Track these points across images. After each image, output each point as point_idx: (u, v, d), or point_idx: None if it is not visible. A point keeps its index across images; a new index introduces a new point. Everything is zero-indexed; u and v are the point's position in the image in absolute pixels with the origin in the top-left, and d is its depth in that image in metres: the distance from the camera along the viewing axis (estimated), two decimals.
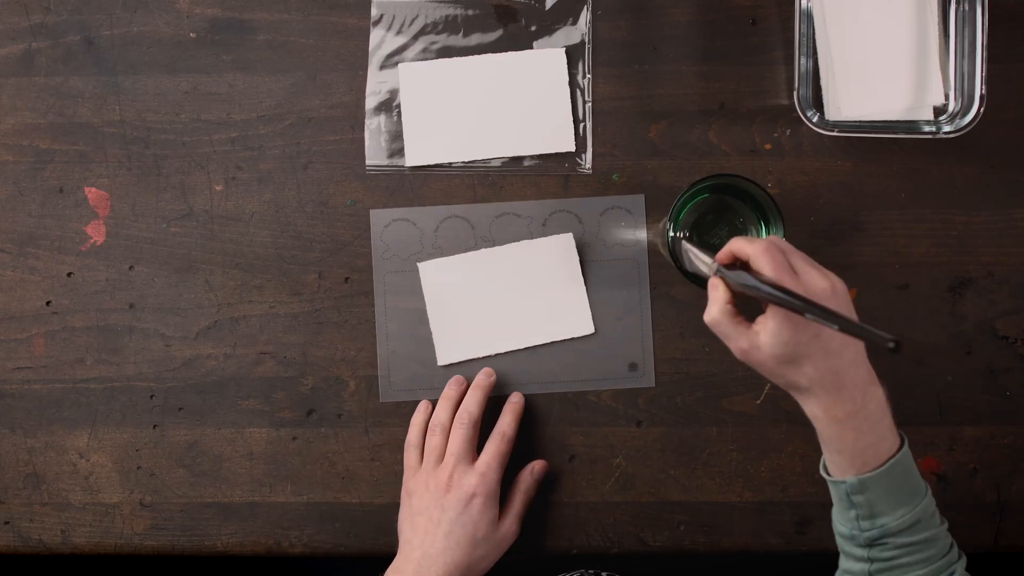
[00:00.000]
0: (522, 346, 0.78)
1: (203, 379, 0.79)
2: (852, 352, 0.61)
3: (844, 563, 0.65)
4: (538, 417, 0.78)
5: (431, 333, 0.78)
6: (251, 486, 0.79)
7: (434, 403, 0.77)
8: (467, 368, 0.78)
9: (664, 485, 0.78)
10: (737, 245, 0.62)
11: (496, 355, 0.78)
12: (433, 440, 0.74)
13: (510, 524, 0.73)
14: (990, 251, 0.77)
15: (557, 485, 0.78)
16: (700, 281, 0.72)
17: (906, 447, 0.63)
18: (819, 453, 0.77)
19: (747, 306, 0.62)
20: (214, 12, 0.80)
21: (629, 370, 0.78)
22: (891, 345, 0.51)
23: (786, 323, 0.59)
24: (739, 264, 0.63)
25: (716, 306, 0.62)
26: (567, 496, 0.78)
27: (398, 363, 0.78)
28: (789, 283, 0.59)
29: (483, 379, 0.77)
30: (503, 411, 0.76)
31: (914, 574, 0.62)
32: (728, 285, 0.62)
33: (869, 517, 0.62)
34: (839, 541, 0.65)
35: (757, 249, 0.60)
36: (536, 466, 0.76)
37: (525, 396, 0.78)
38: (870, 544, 0.62)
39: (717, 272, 0.63)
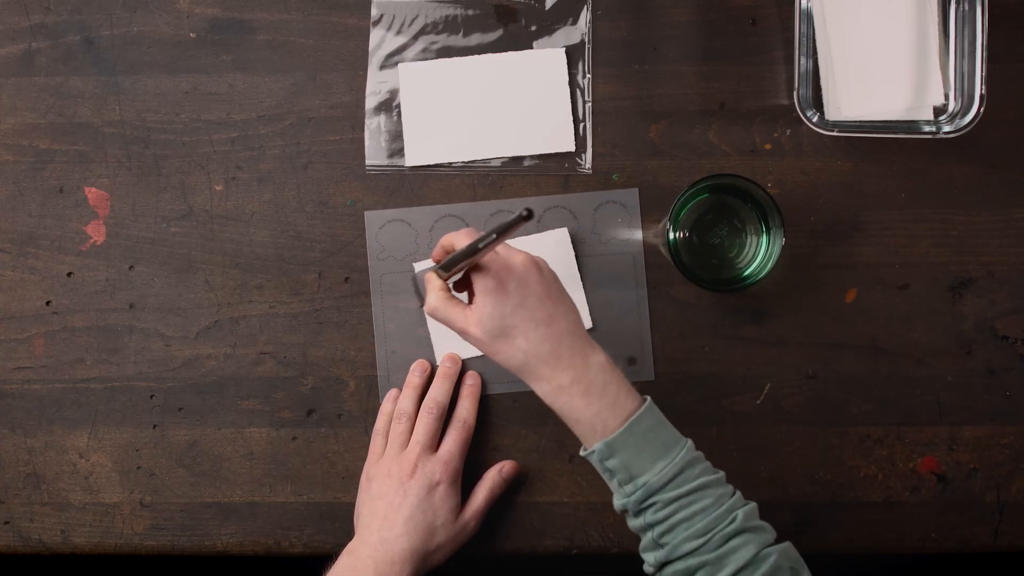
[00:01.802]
0: None
1: (203, 379, 0.79)
2: (564, 322, 0.63)
3: (641, 548, 0.64)
4: (538, 417, 0.78)
5: (430, 333, 0.78)
6: (251, 486, 0.79)
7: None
8: (467, 368, 0.78)
9: None
10: (445, 239, 0.67)
11: None
12: (398, 427, 0.74)
13: (470, 519, 0.73)
14: (990, 251, 0.77)
15: (557, 485, 0.78)
16: (702, 281, 0.73)
17: (648, 404, 0.64)
18: (819, 453, 0.78)
19: None
20: (214, 12, 0.80)
21: (628, 365, 0.77)
22: (524, 213, 0.53)
23: (488, 297, 0.62)
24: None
25: (432, 294, 0.65)
26: (567, 496, 0.78)
27: (398, 363, 0.78)
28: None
29: (449, 367, 0.77)
30: (460, 395, 0.77)
31: (697, 526, 0.61)
32: (439, 275, 0.66)
33: (630, 480, 0.63)
34: (628, 522, 0.65)
35: (459, 233, 0.65)
36: (505, 466, 0.76)
37: (525, 395, 0.78)
38: (641, 509, 0.63)
39: (430, 268, 0.66)
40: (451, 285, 0.67)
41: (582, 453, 0.65)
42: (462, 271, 0.65)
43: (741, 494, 0.64)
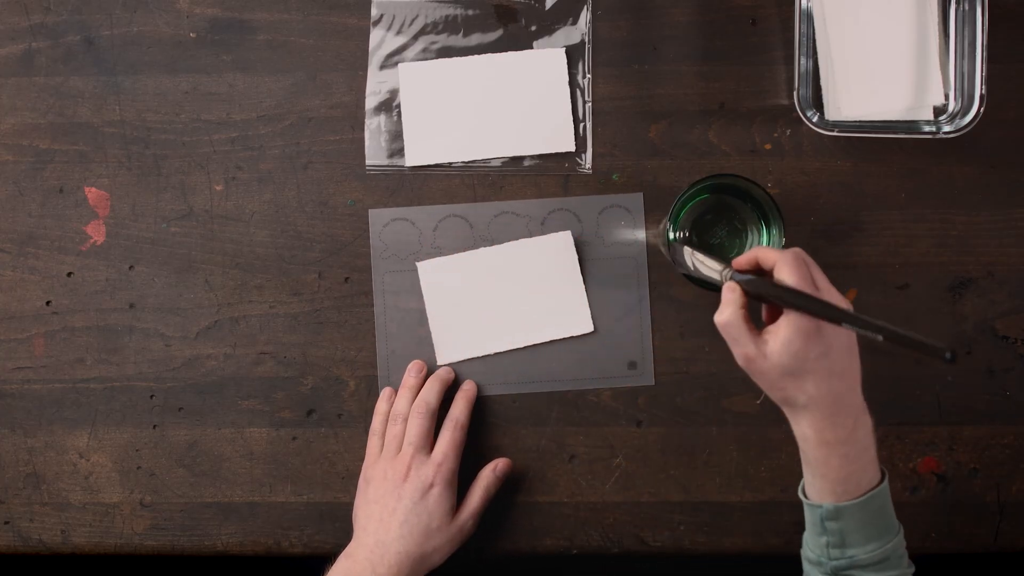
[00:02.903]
0: (521, 345, 0.78)
1: (203, 379, 0.79)
2: (852, 378, 0.61)
3: None
4: (538, 417, 0.78)
5: (431, 333, 0.78)
6: (251, 486, 0.79)
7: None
8: (466, 367, 0.78)
9: (664, 485, 0.78)
10: (763, 253, 0.62)
11: (495, 354, 0.78)
12: (393, 429, 0.74)
13: (467, 519, 0.73)
14: (990, 251, 0.77)
15: (557, 485, 0.78)
16: (701, 282, 0.72)
17: (886, 483, 0.63)
18: None
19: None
20: (214, 12, 0.80)
21: (628, 369, 0.77)
22: (948, 356, 0.51)
23: (799, 335, 0.59)
24: (756, 272, 0.63)
25: (730, 308, 0.61)
26: (567, 496, 0.78)
27: (398, 363, 0.78)
28: (808, 290, 0.58)
29: (443, 372, 0.77)
30: (455, 398, 0.77)
31: None
32: (745, 291, 0.61)
33: (839, 546, 0.62)
34: (805, 566, 0.66)
35: (786, 257, 0.60)
36: (499, 464, 0.76)
37: (525, 395, 0.78)
38: (835, 573, 0.63)
39: (733, 276, 0.63)
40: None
41: (803, 498, 0.65)
42: (768, 301, 0.61)
43: None
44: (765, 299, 0.61)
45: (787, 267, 0.59)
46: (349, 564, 0.70)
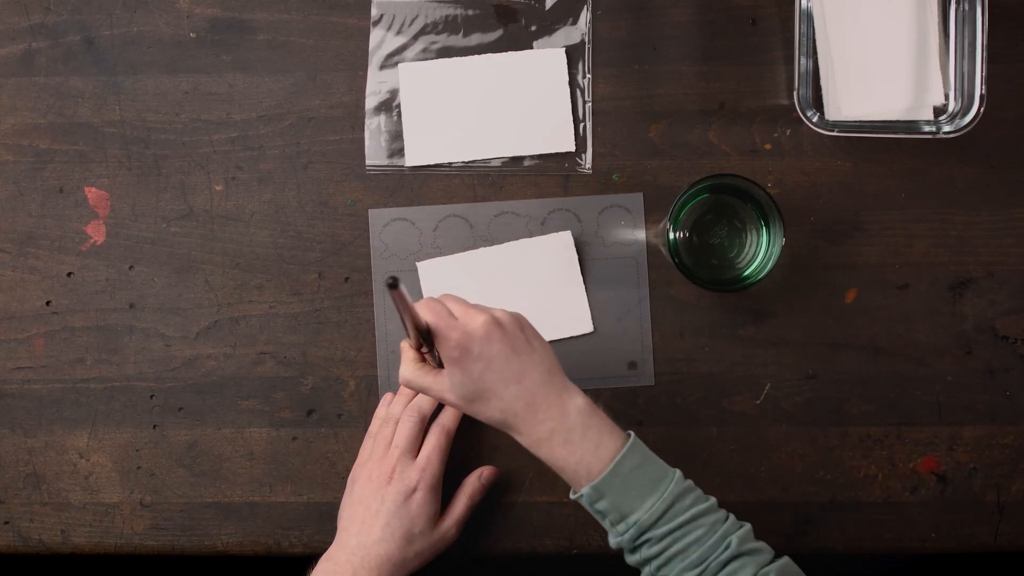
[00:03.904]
0: None
1: (203, 379, 0.79)
2: (536, 373, 0.64)
3: None
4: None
5: None
6: (251, 486, 0.79)
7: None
8: None
9: None
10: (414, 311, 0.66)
11: None
12: (384, 431, 0.74)
13: (449, 526, 0.73)
14: (990, 251, 0.77)
15: (557, 485, 0.78)
16: (702, 281, 0.73)
17: (631, 442, 0.64)
18: (819, 453, 0.78)
19: None
20: (214, 12, 0.80)
21: (628, 369, 0.77)
22: (389, 282, 0.54)
23: (455, 365, 0.63)
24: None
25: (405, 364, 0.67)
26: (567, 496, 0.77)
27: (398, 363, 0.78)
28: (444, 323, 0.62)
29: None
30: (444, 407, 0.76)
31: (692, 557, 0.62)
32: (411, 345, 0.66)
33: (621, 519, 0.63)
34: (626, 560, 0.66)
35: (420, 305, 0.64)
36: (485, 471, 0.76)
37: None
38: (636, 546, 0.63)
39: (404, 339, 0.68)
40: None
41: (572, 496, 0.66)
42: (424, 340, 0.64)
43: (735, 517, 0.64)
44: (423, 340, 0.64)
45: (423, 309, 0.63)
46: (329, 567, 0.70)
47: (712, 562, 0.61)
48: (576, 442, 0.63)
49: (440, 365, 0.66)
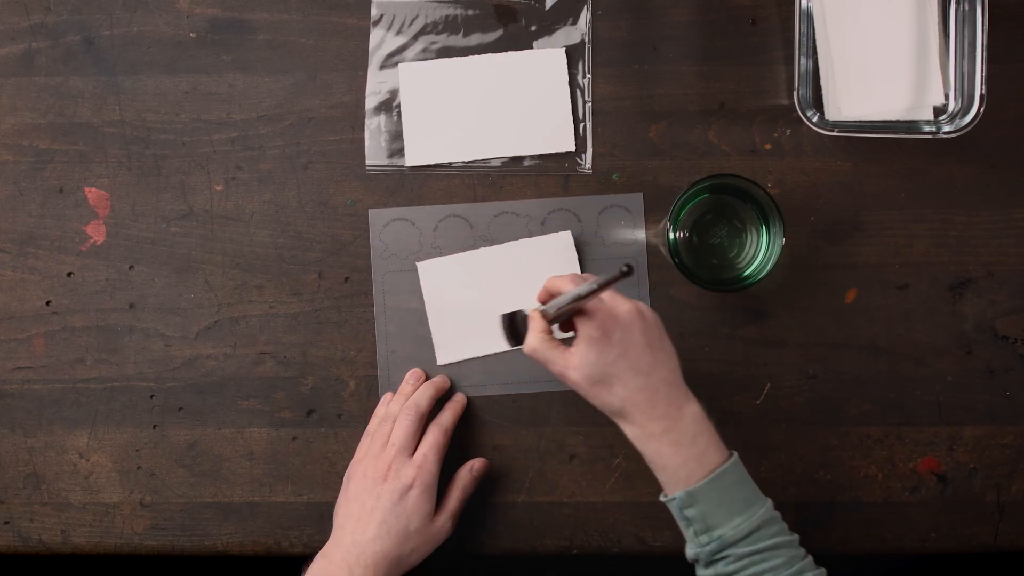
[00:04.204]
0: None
1: (203, 379, 0.79)
2: (664, 371, 0.65)
3: None
4: (538, 417, 0.78)
5: (431, 333, 0.78)
6: (251, 486, 0.79)
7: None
8: (467, 367, 0.78)
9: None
10: (551, 282, 0.67)
11: (495, 354, 0.78)
12: (382, 429, 0.74)
13: (444, 521, 0.73)
14: (990, 251, 0.77)
15: (557, 485, 0.78)
16: (702, 281, 0.73)
17: (734, 459, 0.65)
18: (819, 453, 0.78)
19: None
20: (214, 12, 0.80)
21: None
22: (624, 269, 0.55)
23: (592, 346, 0.63)
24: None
25: (533, 335, 0.66)
26: (567, 496, 0.78)
27: (398, 363, 0.78)
28: (592, 302, 0.63)
29: (439, 380, 0.77)
30: (444, 406, 0.77)
31: None
32: (544, 316, 0.66)
33: (705, 530, 0.63)
34: (698, 573, 0.66)
35: (564, 278, 0.66)
36: (476, 464, 0.76)
37: (525, 395, 0.78)
38: (712, 561, 0.64)
39: (535, 309, 0.67)
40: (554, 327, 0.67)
41: (662, 499, 0.66)
42: (565, 316, 0.66)
43: (812, 559, 0.64)
44: (558, 316, 0.65)
45: (562, 281, 0.66)
46: (325, 564, 0.70)
47: None
48: (685, 444, 0.64)
49: (567, 343, 0.66)
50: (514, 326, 0.70)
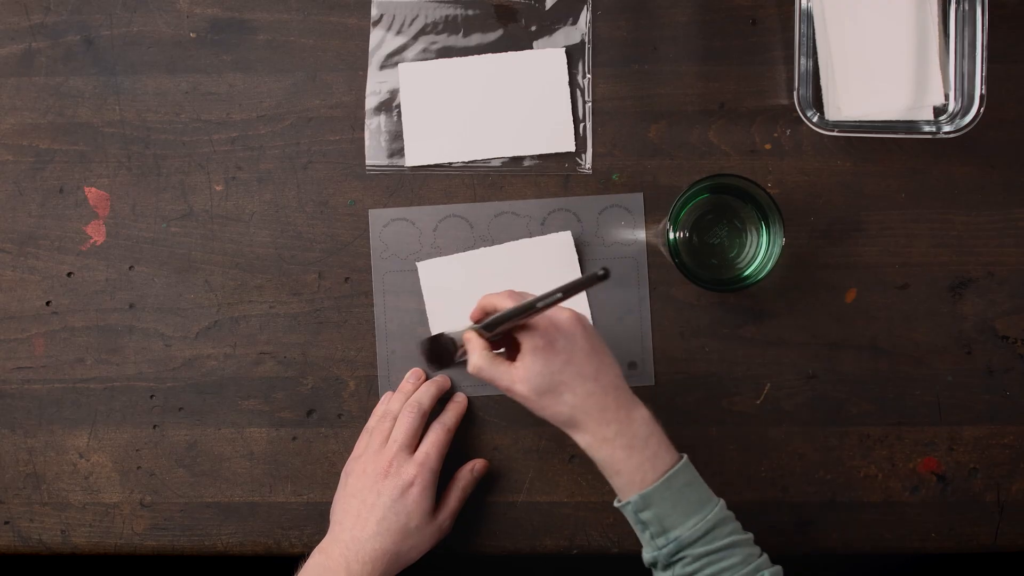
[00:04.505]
0: None
1: (203, 379, 0.79)
2: (609, 376, 0.65)
3: None
4: (538, 417, 0.78)
5: (431, 333, 0.78)
6: (251, 486, 0.79)
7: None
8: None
9: None
10: (485, 300, 0.68)
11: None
12: (382, 426, 0.74)
13: (444, 519, 0.73)
14: (990, 251, 0.77)
15: (557, 485, 0.78)
16: (702, 281, 0.73)
17: (685, 460, 0.66)
18: (819, 452, 0.78)
19: None
20: (214, 12, 0.80)
21: (629, 369, 0.77)
22: (600, 272, 0.55)
23: (537, 356, 0.64)
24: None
25: (476, 353, 0.67)
26: (567, 496, 0.78)
27: (398, 363, 0.78)
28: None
29: (440, 379, 0.78)
30: (446, 406, 0.77)
31: None
32: (481, 335, 0.67)
33: (662, 533, 0.64)
34: None
35: (500, 295, 0.67)
36: (477, 464, 0.76)
37: None
38: (670, 563, 0.64)
39: (470, 328, 0.67)
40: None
41: (616, 504, 0.67)
42: (502, 333, 0.66)
43: (768, 557, 0.65)
44: (496, 332, 0.66)
45: (504, 299, 0.66)
46: (322, 559, 0.69)
47: None
48: (637, 448, 0.64)
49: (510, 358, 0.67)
50: (436, 349, 0.70)
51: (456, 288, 0.78)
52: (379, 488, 0.71)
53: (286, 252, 0.79)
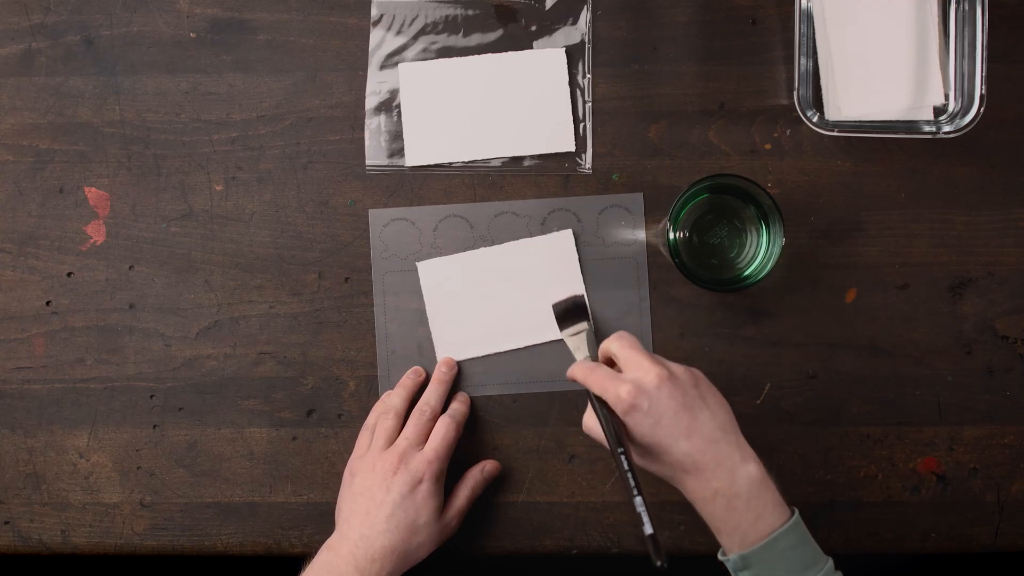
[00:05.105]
0: (522, 345, 0.78)
1: (203, 379, 0.79)
2: (706, 430, 0.62)
3: None
4: (538, 417, 0.78)
5: (430, 333, 0.78)
6: (251, 486, 0.79)
7: None
8: (466, 367, 0.78)
9: (664, 485, 0.77)
10: (603, 346, 0.68)
11: (495, 354, 0.78)
12: (386, 423, 0.74)
13: (452, 518, 0.73)
14: (990, 251, 0.77)
15: (557, 485, 0.78)
16: (702, 281, 0.73)
17: (793, 521, 0.63)
18: (819, 453, 0.78)
19: None
20: (214, 12, 0.80)
21: None
22: (659, 564, 0.57)
23: (627, 418, 0.63)
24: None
25: (588, 414, 0.67)
26: (567, 496, 0.78)
27: (398, 363, 0.78)
28: (610, 384, 0.63)
29: (445, 372, 0.77)
30: (453, 401, 0.77)
31: None
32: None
33: None
34: None
35: (611, 339, 0.67)
36: (487, 465, 0.76)
37: (525, 395, 0.78)
38: None
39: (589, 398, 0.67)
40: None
41: (719, 557, 0.65)
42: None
43: None
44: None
45: (609, 343, 0.68)
46: (330, 557, 0.69)
47: None
48: (739, 509, 0.62)
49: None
50: (569, 312, 0.74)
51: (456, 288, 0.78)
52: (388, 484, 0.70)
53: (286, 252, 0.79)
